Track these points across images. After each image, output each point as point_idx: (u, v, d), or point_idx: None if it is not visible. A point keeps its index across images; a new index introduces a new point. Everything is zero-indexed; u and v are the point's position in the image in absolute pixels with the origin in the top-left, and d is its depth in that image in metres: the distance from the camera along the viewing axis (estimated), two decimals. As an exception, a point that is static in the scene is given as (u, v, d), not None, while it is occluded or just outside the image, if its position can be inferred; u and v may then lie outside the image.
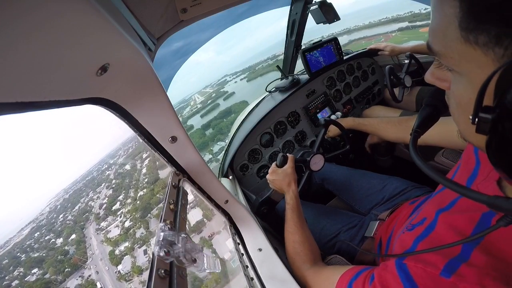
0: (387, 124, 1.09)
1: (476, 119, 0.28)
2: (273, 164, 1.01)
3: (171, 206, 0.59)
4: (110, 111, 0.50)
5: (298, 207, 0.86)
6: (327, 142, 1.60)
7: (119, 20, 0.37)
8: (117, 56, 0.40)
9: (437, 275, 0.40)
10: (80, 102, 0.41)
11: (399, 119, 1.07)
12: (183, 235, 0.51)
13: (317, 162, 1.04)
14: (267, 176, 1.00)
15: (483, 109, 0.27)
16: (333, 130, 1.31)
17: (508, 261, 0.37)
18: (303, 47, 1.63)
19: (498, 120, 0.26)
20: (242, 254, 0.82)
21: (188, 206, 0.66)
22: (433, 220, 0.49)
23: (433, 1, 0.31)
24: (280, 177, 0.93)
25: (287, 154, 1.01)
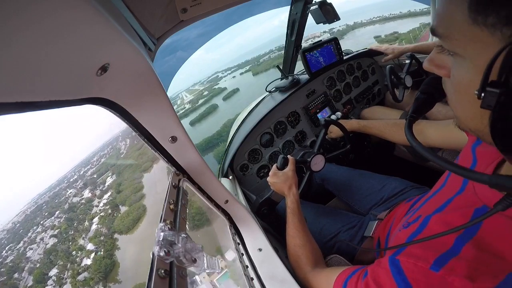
0: (393, 127, 1.08)
1: (483, 94, 0.28)
2: (274, 166, 1.00)
3: (171, 206, 0.59)
4: (110, 111, 0.50)
5: (299, 210, 0.87)
6: (327, 142, 1.60)
7: (119, 20, 0.37)
8: (117, 56, 0.40)
9: (427, 269, 0.41)
10: (80, 102, 0.41)
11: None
12: (183, 235, 0.51)
13: (317, 162, 1.04)
14: (268, 179, 1.00)
15: (490, 84, 0.28)
16: (335, 131, 1.31)
17: (498, 255, 0.38)
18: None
19: (506, 93, 0.27)
20: (242, 254, 0.81)
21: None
22: (425, 218, 0.50)
23: None
24: (281, 180, 0.93)
25: (288, 156, 1.00)
